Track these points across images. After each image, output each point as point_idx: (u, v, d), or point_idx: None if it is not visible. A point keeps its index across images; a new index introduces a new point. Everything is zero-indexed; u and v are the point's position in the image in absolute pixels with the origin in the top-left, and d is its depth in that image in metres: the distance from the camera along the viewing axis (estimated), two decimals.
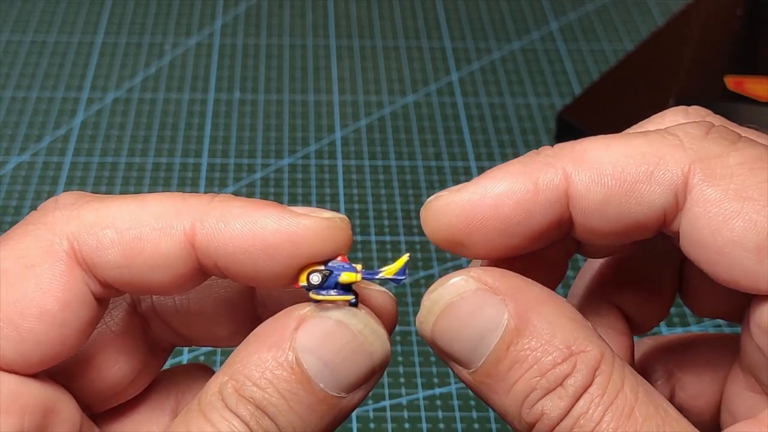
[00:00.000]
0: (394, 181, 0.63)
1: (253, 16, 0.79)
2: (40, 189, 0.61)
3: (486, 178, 0.26)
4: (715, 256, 0.24)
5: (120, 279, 0.26)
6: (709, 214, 0.24)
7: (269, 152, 0.65)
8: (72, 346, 0.26)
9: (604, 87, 0.69)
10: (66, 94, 0.69)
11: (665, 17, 0.80)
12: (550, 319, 0.24)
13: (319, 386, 0.24)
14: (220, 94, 0.70)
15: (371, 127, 0.67)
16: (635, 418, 0.23)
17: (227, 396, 0.24)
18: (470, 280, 0.25)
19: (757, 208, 0.24)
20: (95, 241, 0.25)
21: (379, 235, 0.58)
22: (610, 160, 0.25)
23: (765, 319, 0.25)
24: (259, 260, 0.25)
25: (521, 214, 0.25)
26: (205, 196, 0.26)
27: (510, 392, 0.24)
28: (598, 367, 0.24)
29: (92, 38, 0.75)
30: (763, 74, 0.65)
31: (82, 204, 0.26)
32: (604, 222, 0.25)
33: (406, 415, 0.49)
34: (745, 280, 0.24)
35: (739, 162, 0.24)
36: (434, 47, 0.76)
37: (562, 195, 0.25)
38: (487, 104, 0.70)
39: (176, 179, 0.62)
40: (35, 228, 0.26)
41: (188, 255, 0.25)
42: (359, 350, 0.25)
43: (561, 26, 0.79)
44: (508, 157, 0.27)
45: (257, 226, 0.25)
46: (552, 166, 0.25)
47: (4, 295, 0.25)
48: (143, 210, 0.26)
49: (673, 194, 0.25)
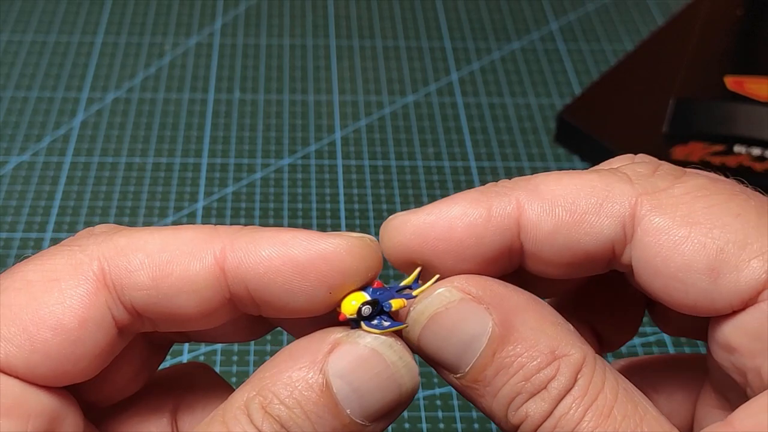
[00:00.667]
0: (394, 181, 0.63)
1: (253, 16, 0.79)
2: (40, 189, 0.61)
3: (443, 201, 0.27)
4: (669, 281, 0.25)
5: (147, 302, 0.26)
6: (659, 242, 0.25)
7: (269, 152, 0.65)
8: (84, 369, 0.26)
9: (604, 87, 0.69)
10: (66, 94, 0.69)
11: (665, 17, 0.80)
12: (533, 325, 0.25)
13: (346, 412, 0.25)
14: (220, 94, 0.70)
15: (371, 127, 0.67)
16: (614, 417, 0.24)
17: (253, 411, 0.24)
18: (454, 290, 0.26)
19: (705, 231, 0.24)
20: (125, 262, 0.26)
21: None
22: (562, 192, 0.26)
23: (723, 338, 0.25)
24: (291, 281, 0.25)
25: (472, 239, 0.26)
26: (235, 226, 0.27)
27: (496, 396, 0.25)
28: (580, 370, 0.25)
29: (92, 38, 0.75)
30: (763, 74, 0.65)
31: (116, 231, 0.27)
32: (554, 252, 0.26)
33: (406, 415, 0.49)
34: (702, 302, 0.25)
35: (684, 192, 0.25)
36: (434, 47, 0.76)
37: (514, 223, 0.26)
38: (487, 104, 0.70)
39: (176, 179, 0.62)
40: (68, 249, 0.26)
41: (217, 280, 0.26)
42: (389, 381, 0.25)
43: (561, 26, 0.79)
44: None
45: (288, 247, 0.25)
46: (506, 195, 0.26)
47: (24, 304, 0.25)
48: (175, 236, 0.26)
49: (621, 226, 0.26)
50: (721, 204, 0.25)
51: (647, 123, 0.64)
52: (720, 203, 0.25)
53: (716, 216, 0.25)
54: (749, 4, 0.72)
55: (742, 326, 0.25)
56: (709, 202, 0.25)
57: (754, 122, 0.62)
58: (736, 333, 0.25)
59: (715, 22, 0.71)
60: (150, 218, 0.59)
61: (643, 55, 0.72)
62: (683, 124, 0.63)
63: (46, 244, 0.57)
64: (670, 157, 0.61)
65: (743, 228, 0.24)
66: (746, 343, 0.25)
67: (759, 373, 0.25)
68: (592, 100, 0.68)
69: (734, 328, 0.25)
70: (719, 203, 0.25)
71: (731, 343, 0.25)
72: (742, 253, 0.24)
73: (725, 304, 0.25)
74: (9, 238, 0.57)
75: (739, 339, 0.25)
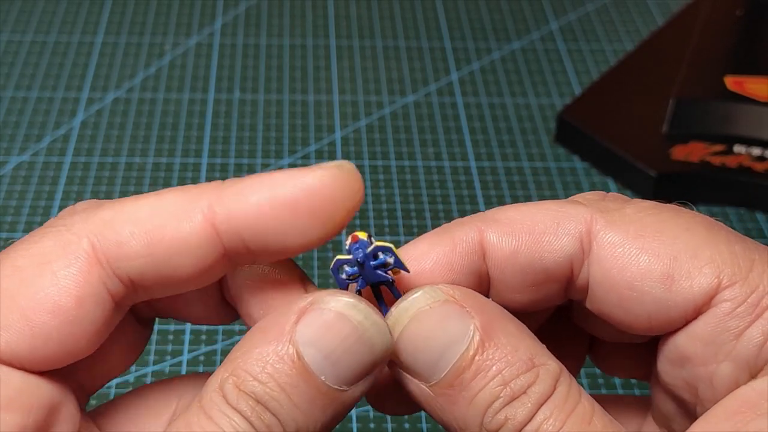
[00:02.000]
0: (394, 181, 0.63)
1: (253, 16, 0.79)
2: (40, 189, 0.61)
3: (408, 245, 0.28)
4: (625, 292, 0.26)
5: (143, 271, 0.26)
6: (614, 255, 0.26)
7: (269, 152, 0.65)
8: (84, 347, 0.26)
9: (604, 87, 0.69)
10: (66, 94, 0.69)
11: (665, 17, 0.80)
12: (512, 333, 0.26)
13: (320, 379, 0.24)
14: (220, 94, 0.70)
15: (371, 127, 0.67)
16: (594, 425, 0.25)
17: (228, 392, 0.24)
18: (439, 291, 0.26)
19: (659, 242, 0.26)
20: (115, 234, 0.25)
21: (380, 235, 0.58)
22: (520, 217, 0.27)
23: (676, 350, 0.26)
24: (283, 221, 0.25)
25: (443, 267, 0.27)
26: (215, 181, 0.26)
27: (472, 402, 0.25)
28: (558, 379, 0.25)
29: (92, 38, 0.75)
30: (763, 74, 0.65)
31: (99, 206, 0.26)
32: (516, 273, 0.27)
33: (406, 416, 0.49)
34: (656, 313, 0.26)
35: (635, 211, 0.27)
36: (434, 47, 0.76)
37: (478, 246, 0.27)
38: (487, 104, 0.70)
39: (176, 179, 0.62)
40: (54, 229, 0.26)
41: (210, 237, 0.25)
42: (359, 342, 0.25)
43: (561, 26, 0.79)
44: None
45: (274, 189, 0.25)
46: (467, 224, 0.28)
47: (18, 290, 0.25)
48: (159, 201, 0.26)
49: (578, 242, 0.27)
50: (670, 220, 0.26)
51: (647, 123, 0.64)
52: (669, 219, 0.26)
53: (667, 230, 0.26)
54: (749, 4, 0.72)
55: (695, 333, 0.25)
56: (658, 218, 0.26)
57: (754, 122, 0.62)
58: (689, 341, 0.26)
59: (715, 22, 0.71)
60: None
61: (643, 55, 0.72)
62: (683, 124, 0.63)
63: None
64: (670, 157, 0.61)
65: (693, 239, 0.26)
66: (699, 350, 0.25)
67: (711, 383, 0.25)
68: (592, 100, 0.68)
69: (687, 337, 0.26)
70: (668, 219, 0.26)
71: (685, 353, 0.26)
72: (694, 261, 0.25)
73: (679, 312, 0.25)
74: (9, 238, 0.57)
75: (692, 347, 0.26)
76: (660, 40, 0.74)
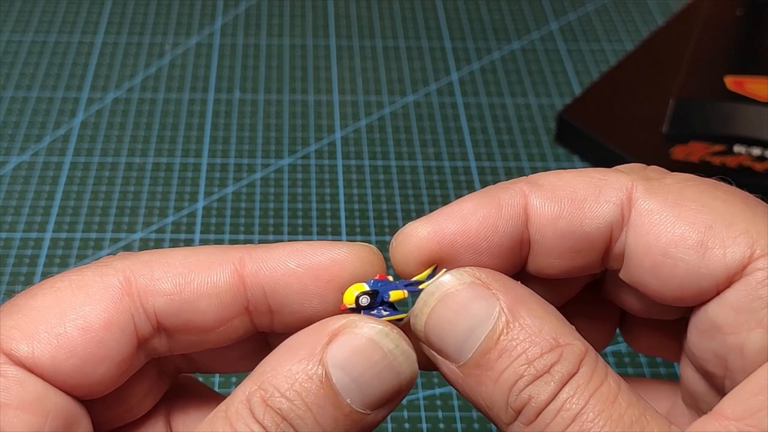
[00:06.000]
0: (394, 181, 0.63)
1: (253, 16, 0.79)
2: (40, 189, 0.61)
3: (452, 204, 0.29)
4: (659, 258, 0.26)
5: (169, 310, 0.27)
6: (651, 222, 0.27)
7: (269, 152, 0.65)
8: (101, 378, 0.26)
9: (604, 87, 0.69)
10: (66, 94, 0.69)
11: (665, 17, 0.80)
12: (538, 314, 0.26)
13: (346, 401, 0.25)
14: (220, 94, 0.70)
15: (371, 127, 0.67)
16: (619, 404, 0.25)
17: (254, 405, 0.25)
18: (465, 274, 0.27)
19: (695, 211, 0.26)
20: (149, 271, 0.27)
21: (379, 235, 0.58)
22: (562, 183, 0.28)
23: (707, 320, 0.26)
24: (305, 283, 0.27)
25: (487, 228, 0.28)
26: (248, 244, 0.29)
27: (498, 381, 0.25)
28: (583, 359, 0.25)
29: (92, 38, 0.75)
30: (763, 74, 0.65)
31: (138, 252, 0.28)
32: (557, 238, 0.28)
33: (406, 415, 0.49)
34: (689, 282, 0.26)
35: (674, 182, 0.27)
36: (434, 47, 0.76)
37: (522, 211, 0.28)
38: (487, 104, 0.70)
39: (176, 179, 0.62)
40: (95, 265, 0.28)
41: (237, 286, 0.27)
42: (388, 369, 0.26)
43: (561, 26, 0.79)
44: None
45: (302, 253, 0.27)
46: (511, 188, 0.28)
47: (51, 306, 0.26)
48: (195, 251, 0.28)
49: (619, 209, 0.27)
50: (708, 191, 0.27)
51: (647, 123, 0.64)
52: (707, 191, 0.27)
53: (704, 200, 0.26)
54: (749, 4, 0.72)
55: (727, 301, 0.26)
56: (697, 189, 0.27)
57: (754, 122, 0.62)
58: (721, 309, 0.26)
59: (715, 22, 0.71)
60: (150, 218, 0.59)
61: (643, 55, 0.72)
62: (683, 124, 0.63)
63: (46, 244, 0.57)
64: (670, 157, 0.61)
65: (729, 210, 0.26)
66: (731, 318, 0.26)
67: (741, 352, 0.25)
68: (592, 100, 0.68)
69: (719, 305, 0.26)
70: (706, 191, 0.27)
71: (716, 321, 0.26)
72: (729, 230, 0.26)
73: (712, 281, 0.26)
74: (9, 238, 0.57)
75: (723, 315, 0.26)
76: (660, 40, 0.74)
